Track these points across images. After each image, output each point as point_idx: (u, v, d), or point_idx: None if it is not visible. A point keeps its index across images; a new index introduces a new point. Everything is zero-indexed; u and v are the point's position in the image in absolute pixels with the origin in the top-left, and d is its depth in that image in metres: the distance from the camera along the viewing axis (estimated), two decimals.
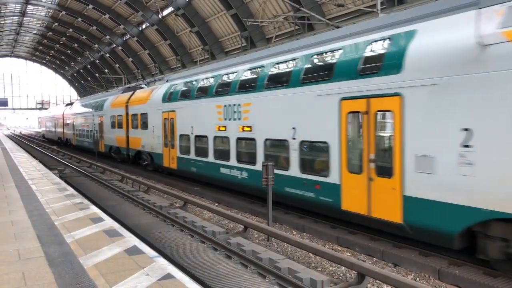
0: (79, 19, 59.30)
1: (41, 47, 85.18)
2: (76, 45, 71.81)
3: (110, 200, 14.02)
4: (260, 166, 11.94)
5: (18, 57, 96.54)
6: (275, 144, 12.01)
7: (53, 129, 51.05)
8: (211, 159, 15.07)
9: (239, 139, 13.48)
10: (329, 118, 9.87)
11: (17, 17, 64.92)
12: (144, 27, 51.80)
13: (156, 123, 19.80)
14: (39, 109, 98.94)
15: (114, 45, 61.86)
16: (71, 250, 6.39)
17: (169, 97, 18.51)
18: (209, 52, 41.71)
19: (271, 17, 31.65)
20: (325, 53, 10.65)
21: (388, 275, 6.21)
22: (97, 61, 72.21)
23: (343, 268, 8.10)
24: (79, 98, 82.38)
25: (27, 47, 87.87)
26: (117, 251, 6.34)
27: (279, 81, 11.90)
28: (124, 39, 58.75)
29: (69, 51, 79.08)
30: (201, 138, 15.82)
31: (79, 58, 78.95)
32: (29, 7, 60.27)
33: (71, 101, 53.77)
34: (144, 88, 26.99)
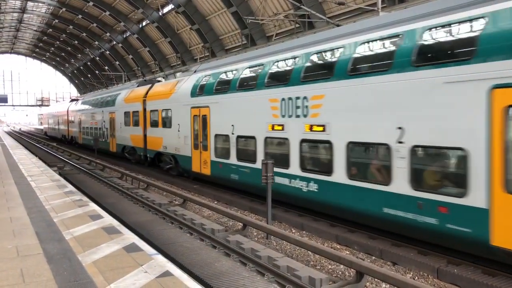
0: (79, 16, 59.21)
1: (41, 44, 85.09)
2: (76, 42, 71.72)
3: (109, 197, 14.01)
4: (338, 177, 9.63)
5: (18, 53, 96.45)
6: (365, 149, 9.49)
7: (56, 127, 48.18)
8: (260, 165, 11.38)
9: (304, 142, 10.83)
10: (468, 114, 7.29)
11: (17, 14, 64.83)
12: (144, 24, 51.74)
13: (182, 121, 17.08)
14: (39, 106, 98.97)
15: (114, 42, 61.80)
16: (69, 247, 6.39)
17: (201, 91, 15.77)
18: (209, 49, 41.67)
19: (272, 15, 31.60)
20: (461, 22, 7.66)
21: (386, 273, 6.20)
22: (97, 58, 72.15)
23: (342, 266, 8.10)
24: (79, 95, 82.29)
25: (27, 43, 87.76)
26: (115, 249, 6.34)
27: (372, 66, 9.35)
28: (124, 36, 58.67)
29: (69, 48, 78.96)
30: (246, 139, 13.22)
31: (79, 55, 78.88)
32: (29, 4, 60.19)
33: (76, 97, 51.08)
34: (162, 81, 24.41)
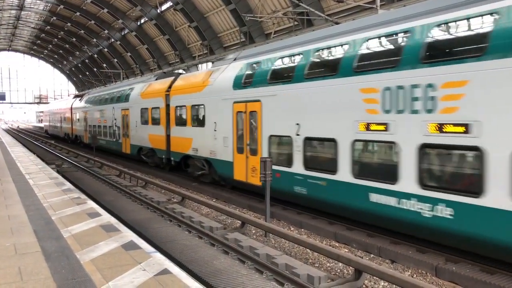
0: (78, 13, 59.06)
1: (39, 41, 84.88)
2: (74, 39, 71.55)
3: (107, 195, 13.99)
4: (496, 200, 6.74)
5: (15, 51, 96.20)
6: None
7: (58, 124, 44.96)
8: (345, 176, 9.42)
9: (427, 147, 7.80)
10: None
11: (14, 11, 64.61)
12: (142, 21, 51.62)
13: (221, 118, 14.27)
14: (37, 103, 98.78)
15: (112, 40, 61.65)
16: (67, 245, 6.37)
17: (247, 81, 12.94)
18: (207, 47, 41.59)
19: (270, 13, 31.53)
20: None
21: (385, 271, 6.20)
22: (96, 56, 72.00)
23: (341, 264, 8.10)
24: (77, 92, 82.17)
25: (25, 41, 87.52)
26: (114, 246, 6.33)
27: None
28: (122, 33, 58.53)
29: (67, 46, 78.79)
30: (321, 142, 10.30)
31: (77, 52, 78.69)
32: (27, 1, 60.02)
33: (81, 93, 47.39)
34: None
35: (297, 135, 10.73)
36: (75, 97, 41.06)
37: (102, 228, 7.40)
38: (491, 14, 6.96)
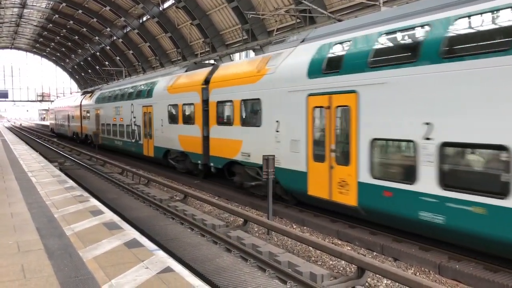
0: (80, 11, 59.10)
1: (41, 39, 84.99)
2: (76, 37, 71.61)
3: (110, 193, 14.01)
4: None
5: (18, 49, 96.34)
6: None
7: (66, 123, 41.63)
8: None
9: None
10: None
11: (17, 9, 64.69)
12: (144, 19, 51.59)
13: (286, 116, 11.35)
14: (40, 101, 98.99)
15: (114, 38, 61.67)
16: (70, 242, 6.37)
17: (332, 66, 9.92)
18: (209, 45, 41.56)
19: (272, 10, 31.48)
20: None
21: (388, 269, 6.19)
22: (98, 54, 72.05)
23: (343, 262, 8.10)
24: (79, 90, 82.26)
25: (28, 39, 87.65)
26: (116, 244, 6.32)
27: None
28: (124, 31, 58.56)
29: (69, 43, 78.88)
30: (475, 150, 7.32)
31: (80, 50, 78.76)
32: None
33: (90, 89, 44.03)
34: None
35: (427, 139, 7.81)
36: (84, 93, 38.04)
37: (104, 226, 7.40)
38: None
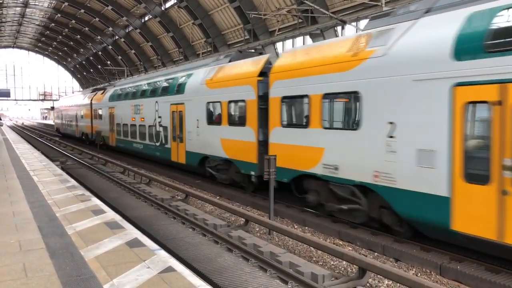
0: (82, 11, 59.18)
1: (43, 38, 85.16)
2: (78, 36, 71.72)
3: (111, 192, 14.02)
4: None
5: (20, 48, 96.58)
6: None
7: (73, 123, 38.02)
8: None
9: None
10: None
11: (19, 8, 64.83)
12: (146, 19, 51.63)
13: (407, 116, 8.18)
14: (42, 100, 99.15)
15: (116, 37, 61.75)
16: (72, 242, 6.39)
17: (506, 40, 6.61)
18: (211, 44, 41.57)
19: (274, 10, 31.46)
20: None
21: (389, 270, 6.18)
22: (100, 53, 72.14)
23: (345, 262, 8.09)
24: (81, 89, 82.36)
25: (30, 38, 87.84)
26: (118, 244, 6.33)
27: None
28: (126, 31, 58.61)
29: (71, 43, 79.00)
30: None
31: (82, 49, 78.89)
32: None
33: (101, 86, 39.81)
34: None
35: None
36: (94, 90, 34.81)
37: (106, 225, 7.41)
38: None
